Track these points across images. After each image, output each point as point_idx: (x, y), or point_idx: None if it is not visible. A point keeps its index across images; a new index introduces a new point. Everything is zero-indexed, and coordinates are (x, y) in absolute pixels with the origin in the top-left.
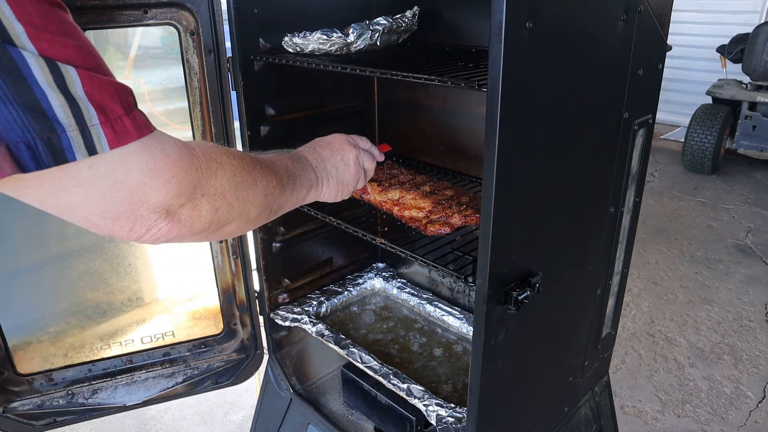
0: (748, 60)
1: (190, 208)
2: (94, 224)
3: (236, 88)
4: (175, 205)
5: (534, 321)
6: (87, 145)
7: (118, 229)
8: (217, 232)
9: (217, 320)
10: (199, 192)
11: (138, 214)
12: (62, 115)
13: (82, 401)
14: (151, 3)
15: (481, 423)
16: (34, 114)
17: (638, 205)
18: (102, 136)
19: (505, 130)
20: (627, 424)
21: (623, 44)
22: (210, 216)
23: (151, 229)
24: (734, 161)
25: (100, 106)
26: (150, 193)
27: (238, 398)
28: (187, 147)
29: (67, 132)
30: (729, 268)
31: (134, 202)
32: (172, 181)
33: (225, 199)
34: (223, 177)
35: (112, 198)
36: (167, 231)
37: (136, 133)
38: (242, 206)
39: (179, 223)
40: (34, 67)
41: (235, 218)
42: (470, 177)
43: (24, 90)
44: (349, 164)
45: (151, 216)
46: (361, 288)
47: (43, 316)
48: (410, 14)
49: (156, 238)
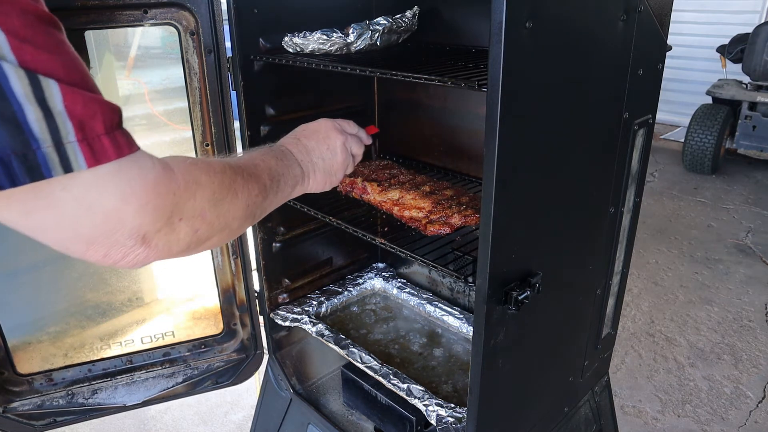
0: (748, 60)
1: (167, 233)
2: (67, 248)
3: (236, 88)
4: (152, 230)
5: (534, 321)
6: (63, 163)
7: (93, 253)
8: (198, 248)
9: (217, 320)
10: (176, 216)
11: (113, 239)
12: (37, 130)
13: (82, 401)
14: (151, 3)
15: (481, 423)
16: (9, 127)
17: (638, 205)
18: (79, 153)
19: (505, 130)
20: (627, 424)
21: (623, 44)
22: (189, 238)
23: (127, 255)
24: (734, 161)
25: (80, 122)
26: (125, 219)
27: (238, 398)
28: (166, 169)
29: (42, 148)
30: (729, 268)
31: (109, 227)
32: (147, 206)
33: (204, 220)
34: (202, 198)
35: (86, 222)
36: (144, 257)
37: (114, 154)
38: (223, 222)
39: (156, 249)
40: (13, 79)
41: (215, 234)
42: (470, 177)
43: (1, 103)
44: (336, 152)
45: (126, 242)
46: (361, 288)
47: (43, 316)
48: (410, 14)
49: (133, 263)
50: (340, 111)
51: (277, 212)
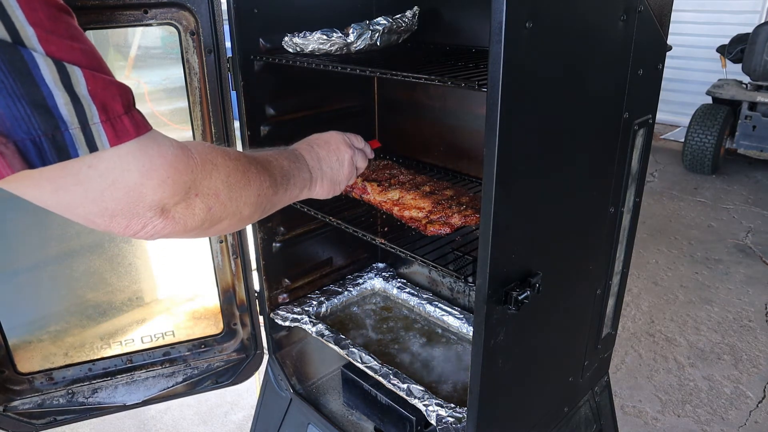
0: (748, 60)
1: (184, 207)
2: (93, 222)
3: (236, 88)
4: (170, 203)
5: (534, 321)
6: (88, 143)
7: (116, 225)
8: (210, 230)
9: (217, 320)
10: (193, 192)
11: (134, 212)
12: (66, 113)
13: (82, 400)
14: (151, 3)
15: (481, 423)
16: (40, 111)
17: (638, 205)
18: (102, 133)
19: (505, 130)
20: (627, 424)
21: (623, 44)
22: (203, 215)
23: (146, 225)
24: (734, 161)
25: (102, 104)
26: (146, 193)
27: (238, 398)
28: (184, 148)
29: (69, 129)
30: (729, 268)
31: (131, 200)
32: (167, 181)
33: (218, 199)
34: (217, 178)
35: (110, 197)
36: (162, 228)
37: (134, 132)
38: (235, 206)
39: (173, 221)
40: (43, 67)
41: (227, 217)
42: (470, 177)
43: (32, 89)
44: (344, 164)
45: (146, 213)
46: (361, 288)
47: (43, 315)
48: (410, 14)
49: (151, 234)
50: (340, 111)
51: (277, 212)
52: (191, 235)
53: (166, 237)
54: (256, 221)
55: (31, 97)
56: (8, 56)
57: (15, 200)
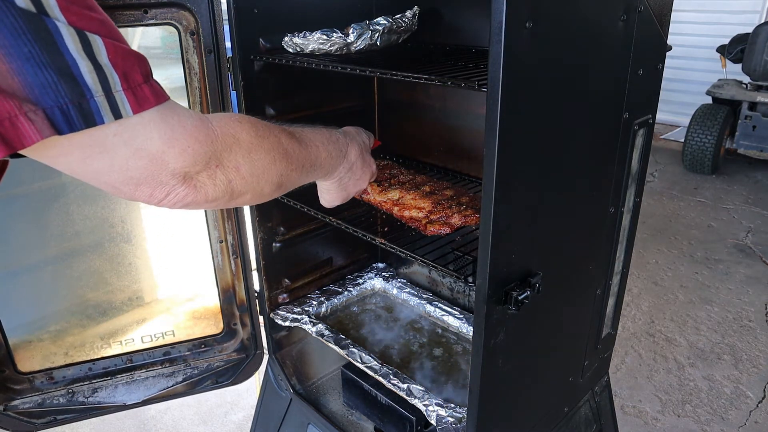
0: (748, 60)
1: (206, 177)
2: (119, 190)
3: (236, 88)
4: (192, 172)
5: (534, 321)
6: (113, 110)
7: (140, 194)
8: (231, 202)
9: (217, 320)
10: (213, 163)
11: (158, 179)
12: (90, 81)
13: (82, 400)
14: (151, 3)
15: (481, 423)
16: (66, 79)
17: (638, 205)
18: (125, 101)
19: (505, 130)
20: (627, 424)
21: (623, 44)
22: (224, 186)
23: (170, 194)
24: (734, 161)
25: (123, 73)
26: (168, 161)
27: (238, 398)
28: (203, 120)
29: (95, 97)
30: (729, 268)
31: (155, 168)
32: (188, 150)
33: (239, 173)
34: (238, 152)
35: (134, 165)
36: (184, 196)
37: (154, 100)
38: (256, 182)
39: (195, 189)
40: (66, 36)
41: (248, 191)
42: (470, 177)
43: (58, 57)
44: (359, 185)
45: (170, 181)
46: (361, 288)
47: (43, 315)
48: (410, 14)
49: (174, 202)
50: (340, 111)
51: (277, 212)
52: (212, 206)
53: (188, 206)
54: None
55: (57, 65)
56: (33, 26)
57: (15, 200)
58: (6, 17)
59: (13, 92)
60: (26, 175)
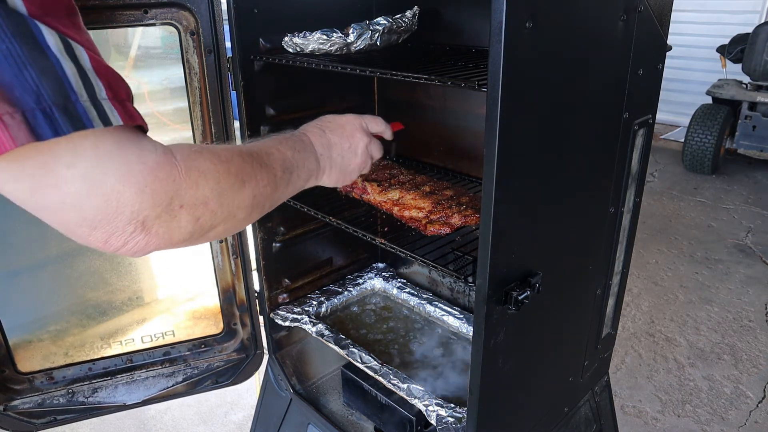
0: (748, 60)
1: (167, 220)
2: (72, 231)
3: (236, 88)
4: (151, 216)
5: (534, 321)
6: (101, 117)
7: (95, 239)
8: (202, 238)
9: (217, 320)
10: (176, 203)
11: (113, 224)
12: (75, 83)
13: (82, 400)
14: (151, 3)
15: (481, 423)
16: (50, 80)
17: (638, 205)
18: (113, 110)
19: (505, 130)
20: (627, 424)
21: (623, 44)
22: (191, 226)
23: (128, 242)
24: (734, 161)
25: (108, 83)
26: (124, 201)
27: (238, 398)
28: (167, 154)
29: (80, 100)
30: (729, 268)
31: (110, 209)
32: (146, 189)
33: (207, 208)
34: (205, 186)
35: (88, 204)
36: (144, 245)
37: (140, 120)
38: (227, 211)
39: (156, 236)
40: (48, 37)
41: (220, 223)
42: (470, 177)
43: (39, 56)
44: (357, 153)
45: (126, 228)
46: (361, 288)
47: (43, 315)
48: (410, 14)
49: (134, 251)
50: (340, 111)
51: (277, 212)
52: (182, 246)
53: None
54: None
55: (39, 65)
56: (12, 21)
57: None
58: None
59: None
60: None
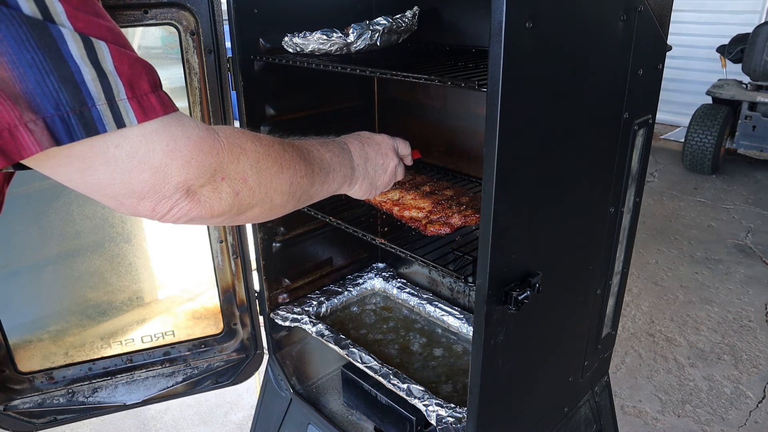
0: (748, 60)
1: (211, 190)
2: (121, 203)
3: (236, 88)
4: (196, 185)
5: (534, 321)
6: (116, 119)
7: (143, 208)
8: (240, 216)
9: (217, 320)
10: (219, 175)
11: (161, 193)
12: (93, 89)
13: (82, 400)
14: (151, 3)
15: (481, 423)
16: (68, 87)
17: (638, 205)
18: (130, 110)
19: (505, 130)
20: (627, 424)
21: (623, 44)
22: (230, 199)
23: (173, 208)
24: (734, 161)
25: (129, 81)
26: (171, 173)
27: (238, 398)
28: (210, 130)
29: (96, 105)
30: (729, 268)
31: (157, 181)
32: (191, 162)
33: (246, 184)
34: (245, 162)
35: (137, 177)
36: (188, 210)
37: (161, 110)
38: (265, 192)
39: (199, 204)
40: (71, 43)
41: (257, 203)
42: (470, 177)
43: (61, 64)
44: (387, 171)
45: (173, 195)
46: (361, 288)
47: (43, 315)
48: (410, 14)
49: (177, 217)
50: (340, 111)
51: None
52: (219, 221)
53: (193, 221)
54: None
55: (60, 73)
56: (38, 32)
57: (15, 201)
58: (11, 24)
59: (16, 100)
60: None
